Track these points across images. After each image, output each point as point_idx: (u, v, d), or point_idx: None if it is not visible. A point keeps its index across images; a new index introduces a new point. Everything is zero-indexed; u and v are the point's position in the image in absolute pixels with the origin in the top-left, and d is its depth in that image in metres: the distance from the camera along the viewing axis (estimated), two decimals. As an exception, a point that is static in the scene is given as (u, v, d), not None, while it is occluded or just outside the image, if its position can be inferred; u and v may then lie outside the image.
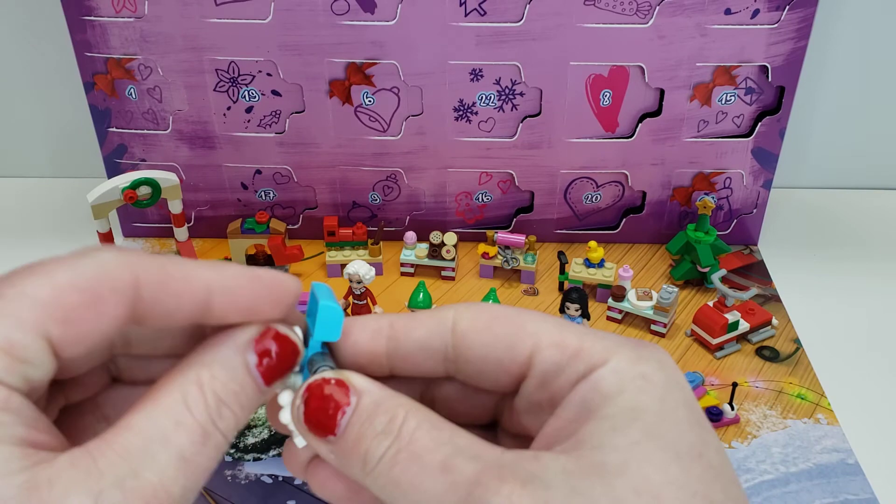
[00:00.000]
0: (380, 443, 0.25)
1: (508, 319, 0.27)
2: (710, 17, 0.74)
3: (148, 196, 0.79)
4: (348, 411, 0.25)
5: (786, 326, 0.78)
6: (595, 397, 0.25)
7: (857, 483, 0.62)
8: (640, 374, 0.25)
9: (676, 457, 0.23)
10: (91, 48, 0.77)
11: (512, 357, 0.27)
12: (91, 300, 0.24)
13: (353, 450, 0.25)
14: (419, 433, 0.24)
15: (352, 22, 0.74)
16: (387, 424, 0.25)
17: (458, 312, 0.28)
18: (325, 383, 0.26)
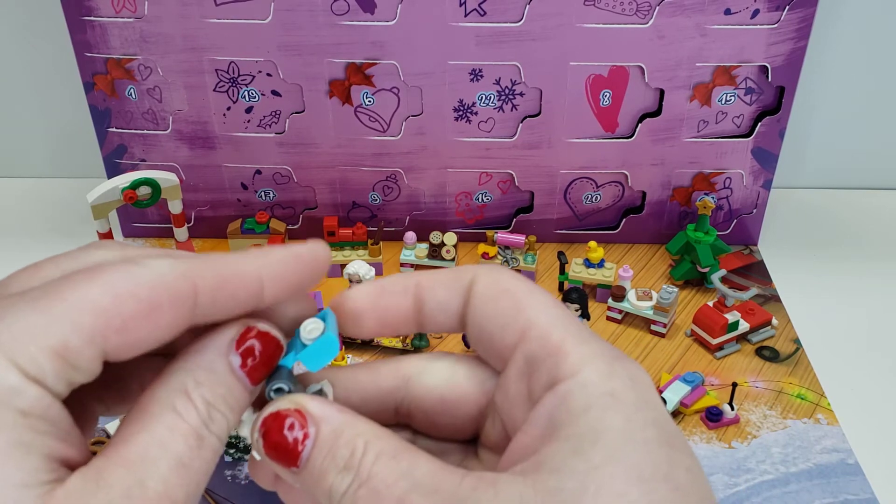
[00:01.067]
0: (342, 479, 0.25)
1: (514, 297, 0.27)
2: (709, 17, 0.74)
3: (148, 196, 0.79)
4: (308, 443, 0.25)
5: (786, 326, 0.78)
6: (561, 413, 0.24)
7: (856, 483, 0.62)
8: (609, 390, 0.24)
9: (639, 479, 0.23)
10: (91, 48, 0.77)
11: (502, 337, 0.27)
12: (150, 310, 0.24)
13: (318, 483, 0.25)
14: (378, 467, 0.24)
15: (352, 22, 0.74)
16: (348, 459, 0.25)
17: (477, 276, 0.28)
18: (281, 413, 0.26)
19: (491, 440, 0.29)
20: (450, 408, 0.29)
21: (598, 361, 0.25)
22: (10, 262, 0.94)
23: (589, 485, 0.22)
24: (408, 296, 0.29)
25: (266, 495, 0.61)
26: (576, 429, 0.24)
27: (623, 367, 0.25)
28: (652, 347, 0.75)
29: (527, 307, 0.27)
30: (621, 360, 0.26)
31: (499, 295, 0.27)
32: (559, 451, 0.23)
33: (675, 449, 0.24)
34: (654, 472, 0.23)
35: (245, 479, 0.63)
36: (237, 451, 0.65)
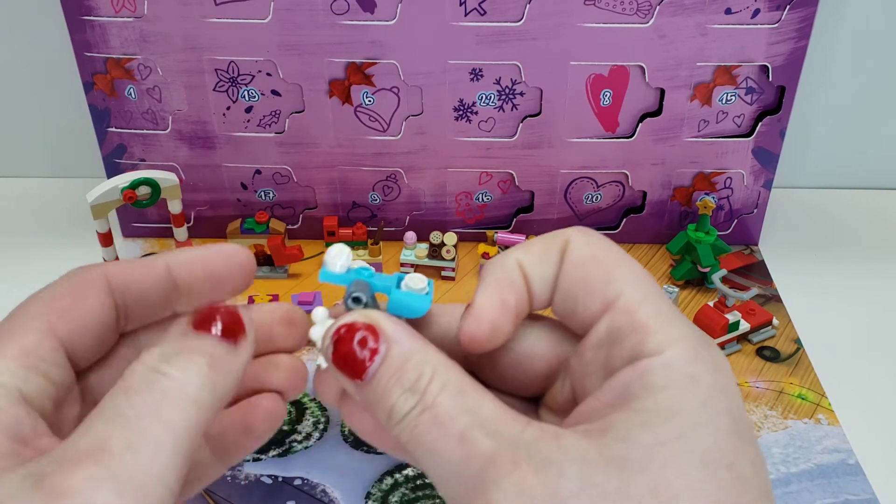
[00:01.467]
0: (406, 400, 0.24)
1: (604, 265, 0.27)
2: (710, 16, 0.74)
3: (147, 196, 0.79)
4: (377, 360, 0.25)
5: (786, 327, 0.78)
6: (637, 387, 0.24)
7: (857, 483, 0.62)
8: (690, 374, 0.24)
9: (703, 464, 0.22)
10: (90, 48, 0.77)
11: (588, 304, 0.27)
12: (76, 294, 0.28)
13: (380, 400, 0.25)
14: (442, 397, 0.24)
15: (351, 21, 0.74)
16: (414, 382, 0.25)
17: (573, 238, 0.28)
18: (354, 326, 0.26)
19: (556, 402, 0.29)
20: (520, 363, 0.29)
21: (683, 344, 0.25)
22: (9, 262, 0.94)
23: (653, 458, 0.22)
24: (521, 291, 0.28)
25: (266, 496, 0.61)
26: (650, 404, 0.24)
27: (707, 352, 0.25)
28: (652, 347, 0.75)
29: (616, 278, 0.26)
30: (706, 346, 0.25)
31: (589, 261, 0.27)
32: (629, 421, 0.23)
33: (743, 441, 0.24)
34: (720, 458, 0.23)
35: (245, 479, 0.63)
36: (237, 451, 0.65)
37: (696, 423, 0.23)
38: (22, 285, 0.82)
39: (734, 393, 0.25)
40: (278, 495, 0.61)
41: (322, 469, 0.63)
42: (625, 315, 0.26)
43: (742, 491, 0.23)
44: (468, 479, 0.23)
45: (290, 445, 0.66)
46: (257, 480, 0.62)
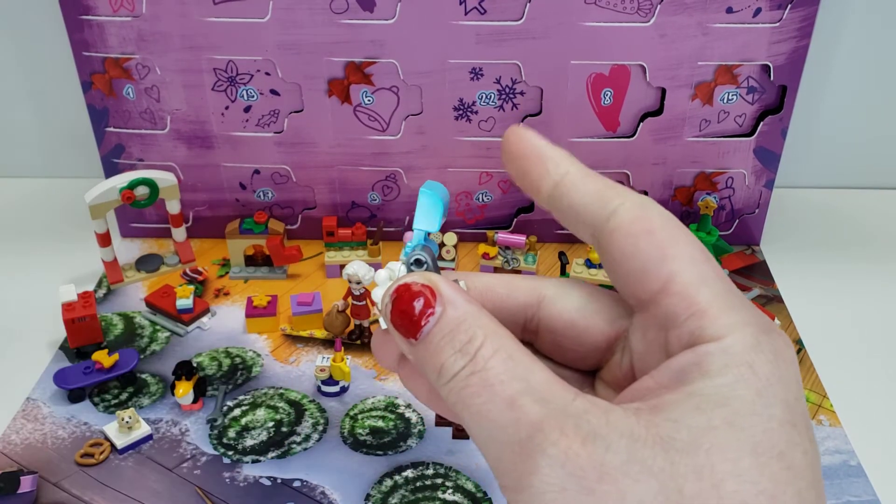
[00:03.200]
0: (455, 360, 0.25)
1: (659, 241, 0.26)
2: (711, 15, 0.73)
3: (146, 196, 0.78)
4: (432, 320, 0.26)
5: (788, 327, 0.77)
6: (694, 371, 0.24)
7: (859, 485, 0.62)
8: (749, 362, 0.24)
9: (752, 452, 0.22)
10: (89, 47, 0.77)
11: (642, 282, 0.26)
12: None
13: (431, 359, 0.25)
14: (493, 361, 0.24)
15: (351, 21, 0.74)
16: (465, 344, 0.25)
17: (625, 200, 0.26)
18: (413, 286, 0.26)
19: (614, 376, 0.28)
20: (578, 335, 0.29)
21: (744, 331, 0.24)
22: (8, 262, 0.93)
23: (703, 443, 0.22)
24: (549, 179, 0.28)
25: (265, 498, 0.61)
26: (705, 388, 0.23)
27: (769, 340, 0.24)
28: (653, 348, 0.75)
29: (671, 257, 0.25)
30: (768, 334, 0.25)
31: (641, 234, 0.26)
32: (681, 403, 0.23)
33: (797, 430, 0.23)
34: (771, 447, 0.22)
35: (244, 481, 0.62)
36: (235, 452, 0.65)
37: (750, 411, 0.23)
38: (21, 285, 0.82)
39: (793, 382, 0.24)
40: (277, 497, 0.61)
41: (321, 470, 0.63)
42: (682, 299, 0.25)
43: (790, 480, 0.23)
44: (515, 444, 0.23)
45: (289, 447, 0.65)
46: (256, 482, 0.62)
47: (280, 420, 0.68)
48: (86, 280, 0.82)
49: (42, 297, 0.79)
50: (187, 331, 0.76)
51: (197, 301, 0.77)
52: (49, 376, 0.70)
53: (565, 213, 0.28)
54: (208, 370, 0.72)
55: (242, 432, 0.66)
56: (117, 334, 0.76)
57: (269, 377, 0.72)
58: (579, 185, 0.27)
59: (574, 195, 0.27)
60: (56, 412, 0.68)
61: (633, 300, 0.27)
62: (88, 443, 0.65)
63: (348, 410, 0.69)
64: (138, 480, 0.62)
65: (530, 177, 0.28)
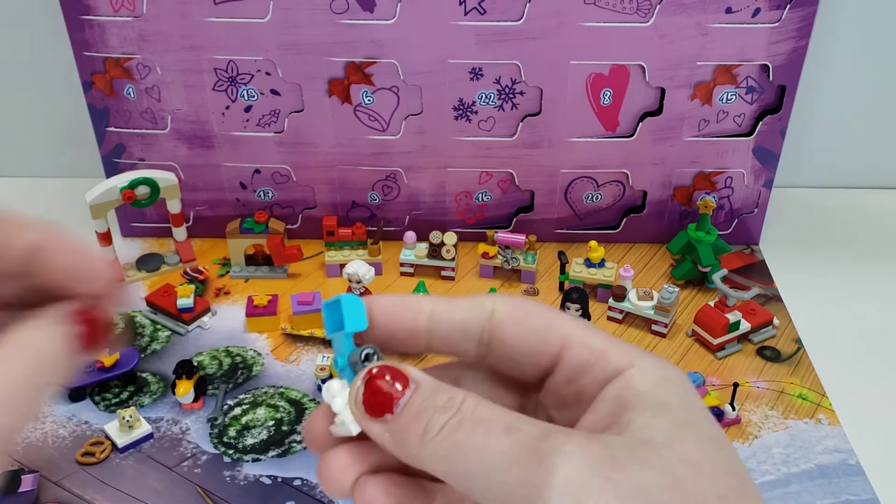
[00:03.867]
0: (441, 415, 0.26)
1: (542, 316, 0.29)
2: (710, 15, 0.74)
3: (146, 196, 0.78)
4: (406, 394, 0.27)
5: (787, 326, 0.77)
6: (628, 394, 0.27)
7: (858, 483, 0.62)
8: (664, 376, 0.28)
9: (708, 441, 0.26)
10: (89, 47, 0.77)
11: (542, 350, 0.29)
12: None
13: (413, 424, 0.26)
14: (480, 408, 0.26)
15: (351, 21, 0.74)
16: (447, 401, 0.26)
17: (497, 302, 0.30)
18: (385, 369, 0.28)
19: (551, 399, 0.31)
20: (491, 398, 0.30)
21: (644, 356, 0.28)
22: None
23: (674, 438, 0.25)
24: (422, 314, 0.30)
25: (265, 496, 0.61)
26: (647, 402, 0.26)
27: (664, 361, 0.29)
28: (653, 347, 0.75)
29: (558, 325, 0.29)
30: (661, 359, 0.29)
31: (526, 316, 0.29)
32: (639, 416, 0.26)
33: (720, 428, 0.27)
34: (715, 439, 0.26)
35: (244, 480, 0.62)
36: (236, 451, 0.65)
37: (688, 412, 0.27)
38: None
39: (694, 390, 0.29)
40: (278, 496, 0.61)
41: (321, 469, 0.63)
42: (583, 348, 0.29)
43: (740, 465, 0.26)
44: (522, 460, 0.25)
45: (289, 446, 0.65)
46: (257, 481, 0.62)
47: (280, 419, 0.68)
48: (86, 279, 0.83)
49: (43, 297, 0.79)
50: (188, 330, 0.76)
51: (197, 300, 0.77)
52: (50, 375, 0.70)
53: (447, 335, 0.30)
54: (209, 369, 0.72)
55: (243, 431, 0.67)
56: (118, 334, 0.76)
57: (269, 376, 0.72)
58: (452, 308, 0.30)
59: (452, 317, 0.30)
60: (57, 411, 0.68)
61: (533, 372, 0.30)
62: (89, 441, 0.65)
63: (348, 409, 0.69)
64: (139, 479, 0.62)
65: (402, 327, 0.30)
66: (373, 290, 0.75)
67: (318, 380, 0.70)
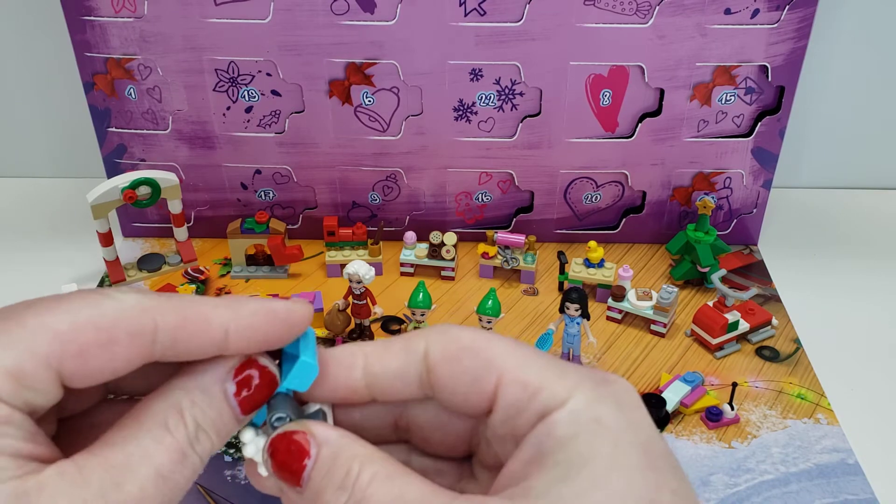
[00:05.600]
0: (338, 497, 0.26)
1: (477, 352, 0.28)
2: (709, 16, 0.74)
3: (147, 196, 0.79)
4: (309, 463, 0.27)
5: (786, 326, 0.78)
6: (548, 441, 0.25)
7: (857, 483, 0.62)
8: (595, 417, 0.25)
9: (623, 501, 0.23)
10: (91, 48, 0.77)
11: (477, 391, 0.28)
12: (107, 341, 0.25)
13: (316, 501, 0.27)
14: (372, 488, 0.25)
15: (351, 22, 0.74)
16: (343, 479, 0.26)
17: (430, 341, 0.29)
18: (288, 435, 0.27)
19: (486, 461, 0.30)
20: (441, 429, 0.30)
21: (583, 388, 0.26)
22: (10, 262, 0.94)
23: None
24: (354, 369, 0.29)
25: (265, 496, 0.61)
26: (564, 455, 0.24)
27: (608, 391, 0.26)
28: (652, 347, 0.75)
29: (493, 357, 0.27)
30: (606, 384, 0.26)
31: (459, 354, 0.28)
32: (547, 478, 0.24)
33: (660, 472, 0.24)
34: (639, 498, 0.23)
35: (244, 479, 0.63)
36: (237, 451, 0.65)
37: (609, 467, 0.24)
38: (22, 285, 0.83)
39: (643, 424, 0.26)
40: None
41: (322, 469, 0.63)
42: (517, 386, 0.27)
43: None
44: None
45: (290, 445, 0.65)
46: (257, 480, 0.62)
47: (281, 418, 0.68)
48: (88, 279, 0.83)
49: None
50: (189, 330, 0.76)
51: (198, 300, 0.77)
52: (51, 375, 0.70)
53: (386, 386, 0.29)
54: (210, 369, 0.72)
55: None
56: (119, 333, 0.76)
57: (270, 376, 0.72)
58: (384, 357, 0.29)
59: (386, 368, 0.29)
60: (58, 410, 0.68)
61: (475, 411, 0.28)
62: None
63: (349, 409, 0.69)
64: (140, 478, 0.63)
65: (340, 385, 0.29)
66: (373, 291, 0.75)
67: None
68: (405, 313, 0.75)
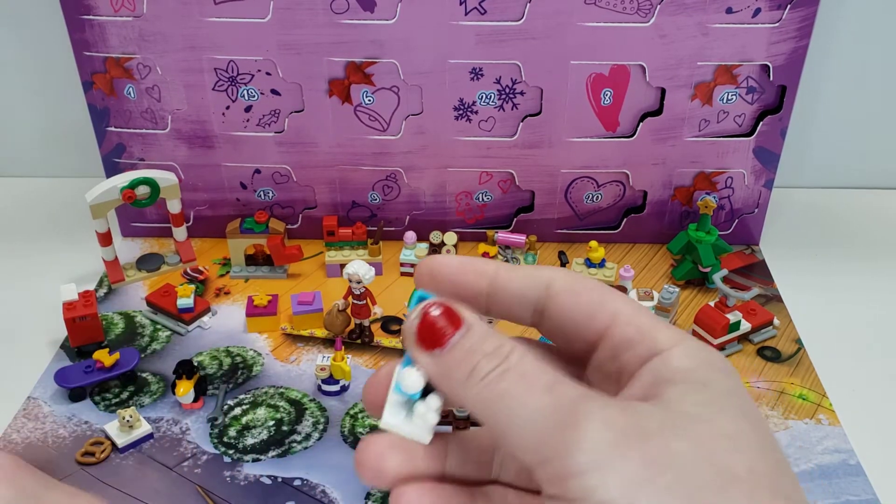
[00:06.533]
0: (489, 361, 0.27)
1: (595, 292, 0.30)
2: (711, 16, 0.74)
3: (147, 196, 0.78)
4: (458, 334, 0.28)
5: (787, 326, 0.77)
6: (668, 370, 0.27)
7: (858, 484, 0.62)
8: (707, 359, 0.28)
9: (745, 416, 0.26)
10: (90, 47, 0.77)
11: (590, 324, 0.30)
12: None
13: (461, 362, 0.28)
14: (525, 362, 0.27)
15: (351, 21, 0.74)
16: (496, 349, 0.28)
17: (555, 274, 0.31)
18: (441, 306, 0.29)
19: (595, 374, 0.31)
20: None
21: (686, 339, 0.28)
22: (9, 261, 0.93)
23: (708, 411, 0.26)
24: (485, 277, 0.31)
25: (265, 496, 0.61)
26: (686, 377, 0.27)
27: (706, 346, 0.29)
28: (653, 348, 0.75)
29: (610, 300, 0.30)
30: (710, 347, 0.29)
31: (581, 290, 0.30)
32: (676, 391, 0.26)
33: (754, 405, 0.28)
34: (754, 416, 0.27)
35: (244, 480, 0.62)
36: (236, 451, 0.65)
37: (728, 391, 0.27)
38: (22, 284, 0.83)
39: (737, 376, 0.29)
40: (278, 496, 0.61)
41: (322, 469, 0.63)
42: (630, 326, 0.29)
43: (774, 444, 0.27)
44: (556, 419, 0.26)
45: (289, 446, 0.65)
46: (257, 481, 0.62)
47: (280, 419, 0.68)
48: (87, 279, 0.83)
49: (43, 297, 0.79)
50: (188, 330, 0.76)
51: (198, 300, 0.77)
52: (50, 375, 0.70)
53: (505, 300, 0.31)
54: (209, 369, 0.72)
55: (243, 431, 0.67)
56: (118, 333, 0.76)
57: (269, 376, 0.72)
58: (511, 275, 0.31)
59: (511, 284, 0.31)
60: (57, 411, 0.68)
61: (580, 345, 0.31)
62: (89, 441, 0.65)
63: (349, 409, 0.69)
64: (139, 479, 0.62)
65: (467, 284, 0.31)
66: (373, 291, 0.75)
67: (318, 380, 0.70)
68: (405, 313, 0.74)
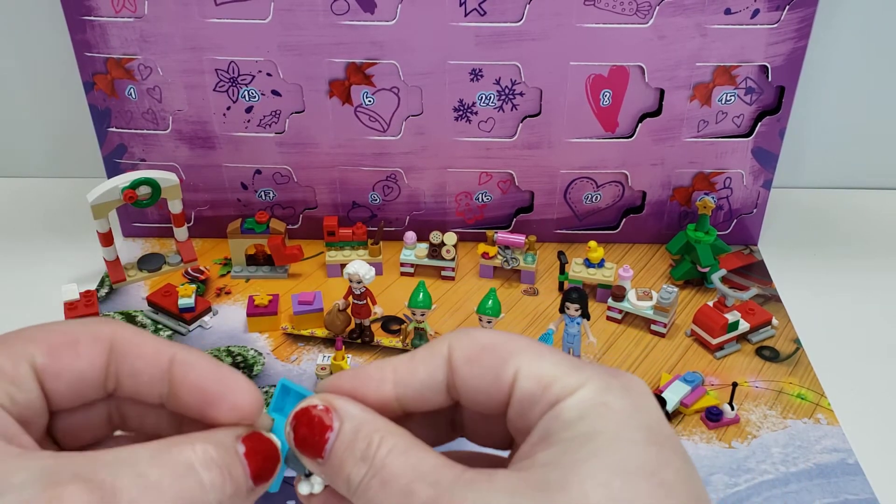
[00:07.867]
0: (359, 469, 0.27)
1: (496, 349, 0.29)
2: (709, 16, 0.74)
3: (148, 196, 0.79)
4: (331, 436, 0.28)
5: (786, 326, 0.78)
6: (555, 424, 0.26)
7: (857, 483, 0.62)
8: (602, 402, 0.26)
9: (623, 473, 0.24)
10: (91, 48, 0.77)
11: (497, 387, 0.29)
12: (71, 341, 0.28)
13: (338, 473, 0.28)
14: (389, 458, 0.27)
15: (352, 22, 0.74)
16: (364, 450, 0.27)
17: (452, 343, 0.30)
18: (312, 409, 0.28)
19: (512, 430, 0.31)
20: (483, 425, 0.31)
21: (594, 380, 0.27)
22: (10, 261, 0.94)
23: (573, 476, 0.24)
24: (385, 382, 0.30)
25: (265, 496, 0.61)
26: (569, 434, 0.25)
27: (618, 380, 0.27)
28: (652, 347, 0.75)
29: (511, 354, 0.28)
30: (617, 376, 0.27)
31: (479, 354, 0.29)
32: (551, 452, 0.25)
33: (665, 449, 0.25)
34: (640, 469, 0.24)
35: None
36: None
37: (612, 440, 0.25)
38: (22, 285, 0.83)
39: (650, 408, 0.27)
40: (278, 495, 0.61)
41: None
42: (531, 380, 0.28)
43: (666, 496, 0.24)
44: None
45: (290, 445, 0.65)
46: (257, 480, 0.62)
47: (281, 418, 0.68)
48: (88, 279, 0.83)
49: (44, 296, 0.79)
50: (189, 330, 0.77)
51: (199, 300, 0.77)
52: (52, 375, 0.70)
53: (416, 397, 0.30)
54: (210, 369, 0.72)
55: (244, 430, 0.67)
56: (119, 333, 0.76)
57: (270, 376, 0.72)
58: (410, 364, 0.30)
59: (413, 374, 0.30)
60: (59, 410, 0.68)
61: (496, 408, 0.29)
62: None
63: (349, 409, 0.69)
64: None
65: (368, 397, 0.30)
66: (373, 291, 0.75)
67: (318, 380, 0.70)
68: (405, 313, 0.75)
